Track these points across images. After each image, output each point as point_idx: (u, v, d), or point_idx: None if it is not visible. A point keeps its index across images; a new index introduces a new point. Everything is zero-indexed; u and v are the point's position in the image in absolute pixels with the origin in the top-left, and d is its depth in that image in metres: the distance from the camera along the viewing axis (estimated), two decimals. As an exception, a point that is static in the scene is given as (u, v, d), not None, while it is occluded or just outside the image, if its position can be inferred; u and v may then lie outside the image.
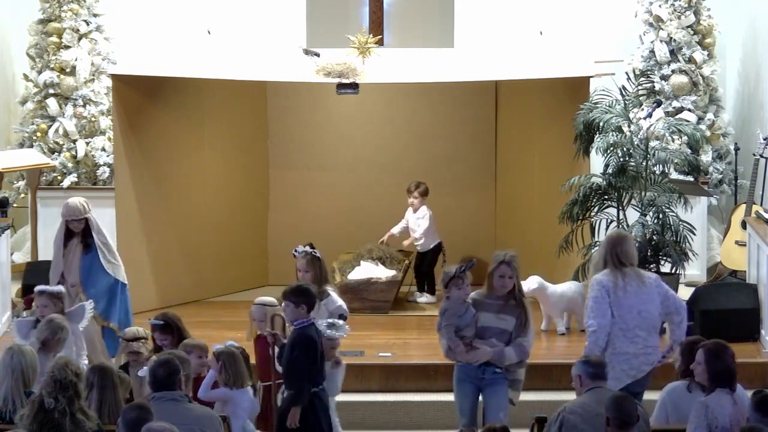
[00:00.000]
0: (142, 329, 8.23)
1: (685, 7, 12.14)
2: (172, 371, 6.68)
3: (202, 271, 11.69)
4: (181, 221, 11.56)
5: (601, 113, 10.23)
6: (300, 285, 7.81)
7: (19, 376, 7.07)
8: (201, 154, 11.73)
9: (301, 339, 7.52)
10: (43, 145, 12.31)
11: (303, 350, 7.46)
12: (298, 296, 7.62)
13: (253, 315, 8.22)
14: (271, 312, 8.01)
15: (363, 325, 10.48)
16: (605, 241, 8.19)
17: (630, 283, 7.87)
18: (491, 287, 7.94)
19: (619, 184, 10.22)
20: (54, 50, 12.36)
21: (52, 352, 7.64)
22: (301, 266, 8.68)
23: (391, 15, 11.96)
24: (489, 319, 7.89)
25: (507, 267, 7.88)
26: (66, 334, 7.91)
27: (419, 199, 11.43)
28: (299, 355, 7.46)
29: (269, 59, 10.91)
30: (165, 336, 8.01)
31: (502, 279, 7.90)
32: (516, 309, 7.91)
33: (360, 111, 12.23)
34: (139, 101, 11.14)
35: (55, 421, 6.47)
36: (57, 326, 7.87)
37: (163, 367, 6.68)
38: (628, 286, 7.85)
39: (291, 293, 7.66)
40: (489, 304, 7.92)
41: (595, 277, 7.95)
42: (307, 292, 7.67)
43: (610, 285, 7.86)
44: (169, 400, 6.59)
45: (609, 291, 7.84)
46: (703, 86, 12.17)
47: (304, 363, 7.45)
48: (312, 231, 12.24)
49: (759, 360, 9.64)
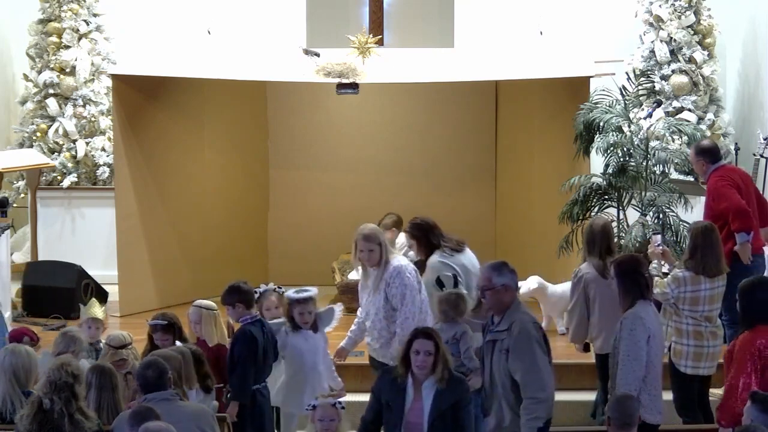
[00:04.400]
0: (127, 335, 8.16)
1: (686, 7, 12.14)
2: (161, 372, 6.68)
3: (202, 271, 11.69)
4: (181, 221, 11.56)
5: (601, 113, 10.22)
6: (230, 284, 7.78)
7: (12, 376, 7.05)
8: (201, 154, 11.73)
9: (240, 335, 7.61)
10: (43, 145, 12.31)
11: (241, 346, 7.53)
12: (230, 296, 7.69)
13: (189, 317, 8.23)
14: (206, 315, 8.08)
15: (363, 325, 10.47)
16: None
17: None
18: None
19: (619, 184, 10.22)
20: (54, 50, 12.37)
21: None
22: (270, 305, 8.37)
23: (391, 15, 11.95)
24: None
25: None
26: (81, 346, 7.88)
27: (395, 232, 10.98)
28: (238, 351, 7.52)
29: (269, 59, 10.91)
30: (166, 336, 8.00)
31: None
32: None
33: (360, 111, 12.24)
34: (139, 101, 11.14)
35: (53, 422, 6.46)
36: (71, 339, 7.84)
37: (152, 369, 6.69)
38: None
39: (223, 296, 7.74)
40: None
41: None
42: (238, 290, 7.70)
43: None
44: (162, 400, 6.59)
45: None
46: (703, 86, 12.17)
47: (242, 358, 7.50)
48: (312, 231, 12.29)
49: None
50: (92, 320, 8.54)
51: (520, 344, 6.68)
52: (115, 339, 8.01)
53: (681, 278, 8.15)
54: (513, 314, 6.79)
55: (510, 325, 6.74)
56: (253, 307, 7.75)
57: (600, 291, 8.39)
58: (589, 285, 8.45)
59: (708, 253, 8.16)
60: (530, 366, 6.66)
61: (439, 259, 8.41)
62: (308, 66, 10.50)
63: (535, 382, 6.65)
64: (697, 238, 8.21)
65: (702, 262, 8.14)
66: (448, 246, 8.50)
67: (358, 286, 8.59)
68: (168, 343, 7.95)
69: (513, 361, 6.68)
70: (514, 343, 6.69)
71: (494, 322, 6.87)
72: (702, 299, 8.12)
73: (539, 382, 6.66)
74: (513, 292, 6.88)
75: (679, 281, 8.13)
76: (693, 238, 8.25)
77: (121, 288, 11.11)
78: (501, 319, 6.81)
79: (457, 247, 8.53)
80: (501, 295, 6.80)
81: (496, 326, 6.82)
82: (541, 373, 6.69)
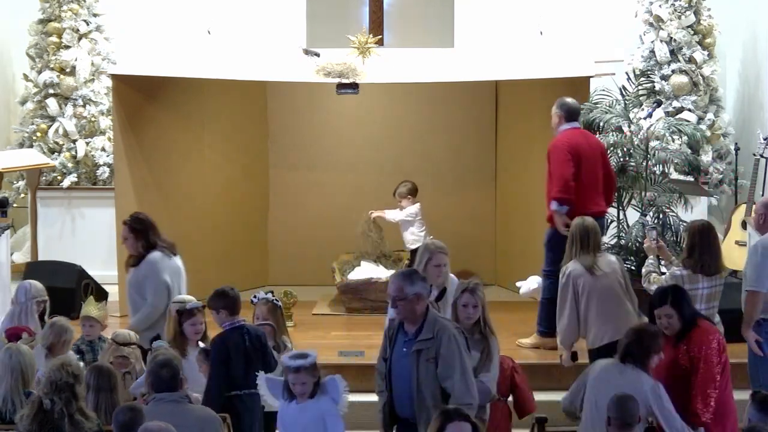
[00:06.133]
0: (133, 334, 8.18)
1: (686, 7, 12.14)
2: (174, 372, 6.67)
3: (202, 271, 11.67)
4: (181, 221, 11.55)
5: (601, 113, 10.24)
6: (217, 289, 7.70)
7: (19, 375, 7.07)
8: (201, 154, 11.73)
9: (214, 341, 7.57)
10: (43, 145, 12.31)
11: (214, 352, 7.48)
12: (215, 301, 7.62)
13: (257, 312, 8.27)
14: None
15: (363, 325, 10.49)
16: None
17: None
18: (456, 319, 7.29)
19: (619, 184, 10.22)
20: (54, 50, 12.36)
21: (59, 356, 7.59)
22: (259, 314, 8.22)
23: (391, 15, 11.95)
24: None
25: (471, 296, 7.31)
26: (70, 335, 7.89)
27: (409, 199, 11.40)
28: (212, 357, 7.48)
29: (269, 59, 10.91)
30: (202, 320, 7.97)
31: (465, 309, 7.30)
32: (481, 344, 7.26)
33: (360, 111, 12.24)
34: (139, 101, 11.14)
35: (54, 422, 6.46)
36: (61, 328, 7.85)
37: (167, 368, 6.67)
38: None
39: (209, 301, 7.67)
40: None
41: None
42: (223, 295, 7.61)
43: None
44: (171, 401, 6.58)
45: None
46: (703, 86, 12.17)
47: (214, 364, 7.45)
48: (312, 231, 12.29)
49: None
50: (86, 318, 8.52)
51: (450, 351, 6.65)
52: (120, 336, 8.03)
53: (679, 276, 8.16)
54: (435, 322, 6.73)
55: (435, 333, 6.69)
56: (236, 313, 7.62)
57: (590, 285, 8.42)
58: (578, 281, 8.45)
59: (706, 251, 8.16)
60: (461, 373, 6.64)
61: (161, 257, 8.69)
62: (308, 66, 10.49)
63: (466, 388, 6.64)
64: (695, 236, 8.21)
65: (700, 261, 8.14)
66: (165, 247, 8.79)
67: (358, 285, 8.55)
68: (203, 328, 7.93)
69: (444, 368, 6.64)
70: (444, 350, 6.64)
71: (408, 333, 6.78)
72: (700, 297, 8.11)
73: (471, 389, 6.66)
74: (425, 301, 6.79)
75: (677, 279, 8.12)
76: (690, 237, 8.25)
77: (121, 288, 11.10)
78: (421, 329, 6.73)
79: (173, 250, 8.85)
80: (414, 304, 6.72)
81: (417, 336, 6.73)
82: (471, 380, 6.69)
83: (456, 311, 7.35)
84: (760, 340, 8.05)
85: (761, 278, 8.04)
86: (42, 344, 7.82)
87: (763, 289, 8.04)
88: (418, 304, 6.74)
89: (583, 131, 9.78)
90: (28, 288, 8.68)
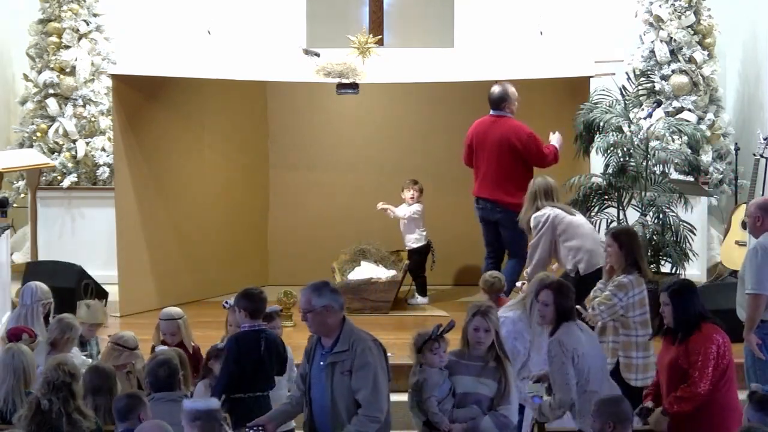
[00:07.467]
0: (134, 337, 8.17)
1: (686, 7, 12.14)
2: (172, 371, 6.66)
3: (202, 271, 11.69)
4: (181, 221, 11.56)
5: (601, 113, 10.24)
6: (245, 289, 7.50)
7: (21, 375, 7.06)
8: (201, 154, 11.73)
9: (228, 340, 7.47)
10: (43, 145, 12.30)
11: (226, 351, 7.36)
12: (239, 300, 7.41)
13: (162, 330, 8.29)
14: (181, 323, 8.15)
15: (363, 326, 10.26)
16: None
17: None
18: (466, 342, 6.92)
19: (619, 184, 10.22)
20: (54, 50, 12.36)
21: (62, 353, 7.59)
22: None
23: (391, 15, 11.95)
24: (468, 384, 6.85)
25: (482, 319, 6.85)
26: (75, 333, 7.89)
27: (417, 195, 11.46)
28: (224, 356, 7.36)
29: (269, 59, 10.91)
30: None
31: (476, 333, 6.84)
32: (497, 372, 6.82)
33: (360, 111, 12.24)
34: (139, 101, 11.14)
35: (52, 422, 6.44)
36: (67, 326, 7.85)
37: (164, 368, 6.66)
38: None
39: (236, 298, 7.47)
40: (467, 366, 6.88)
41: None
42: (247, 296, 7.41)
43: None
44: (169, 401, 6.57)
45: None
46: (703, 86, 12.16)
47: (224, 363, 7.33)
48: (312, 231, 12.29)
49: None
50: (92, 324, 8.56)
51: (364, 363, 6.54)
52: (130, 340, 7.94)
53: (627, 282, 7.94)
54: (350, 334, 6.62)
55: (350, 344, 6.58)
56: (257, 317, 7.43)
57: (576, 222, 9.44)
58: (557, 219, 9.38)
59: (641, 253, 8.15)
60: (373, 386, 6.51)
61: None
62: (308, 66, 10.50)
63: (377, 402, 6.52)
64: (624, 243, 8.05)
65: (637, 265, 8.02)
66: None
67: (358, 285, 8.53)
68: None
69: (357, 380, 6.52)
70: (358, 362, 6.53)
71: (325, 346, 6.66)
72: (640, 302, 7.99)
73: (380, 402, 6.54)
74: (337, 312, 6.61)
75: (626, 286, 7.92)
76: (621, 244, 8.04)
77: (121, 288, 11.11)
78: (337, 341, 6.61)
79: None
80: (323, 316, 6.58)
81: (332, 349, 6.61)
82: (383, 395, 6.57)
83: (466, 335, 6.92)
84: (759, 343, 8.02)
85: (762, 281, 7.95)
86: (46, 339, 7.82)
87: (765, 292, 7.95)
88: (328, 317, 6.58)
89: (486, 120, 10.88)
90: (34, 290, 8.69)
